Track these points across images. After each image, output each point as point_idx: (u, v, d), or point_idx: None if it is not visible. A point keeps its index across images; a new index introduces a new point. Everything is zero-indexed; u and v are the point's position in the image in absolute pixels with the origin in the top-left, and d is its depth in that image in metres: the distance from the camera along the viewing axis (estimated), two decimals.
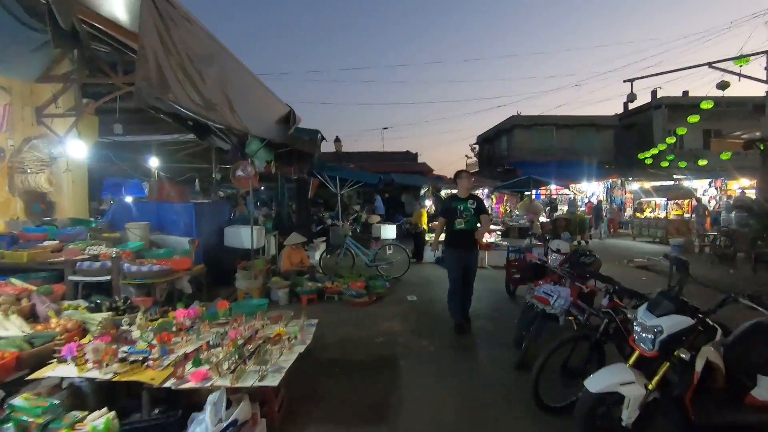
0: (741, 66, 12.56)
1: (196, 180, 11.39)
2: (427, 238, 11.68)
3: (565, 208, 16.83)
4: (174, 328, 3.27)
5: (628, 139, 25.28)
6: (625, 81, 11.88)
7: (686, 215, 15.86)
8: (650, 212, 17.16)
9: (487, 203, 10.74)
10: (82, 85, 5.07)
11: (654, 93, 25.47)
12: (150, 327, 3.24)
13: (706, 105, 15.23)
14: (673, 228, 15.31)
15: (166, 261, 5.21)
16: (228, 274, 6.79)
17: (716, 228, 12.40)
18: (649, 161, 21.44)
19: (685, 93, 25.17)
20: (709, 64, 10.24)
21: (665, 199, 15.65)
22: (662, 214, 16.42)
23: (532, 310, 4.28)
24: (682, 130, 20.09)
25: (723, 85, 11.15)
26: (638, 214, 17.33)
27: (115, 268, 4.42)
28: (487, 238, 10.90)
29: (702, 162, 20.69)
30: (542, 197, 17.42)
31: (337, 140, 20.88)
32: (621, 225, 19.82)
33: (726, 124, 23.17)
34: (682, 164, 22.00)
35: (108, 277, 4.41)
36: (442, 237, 5.57)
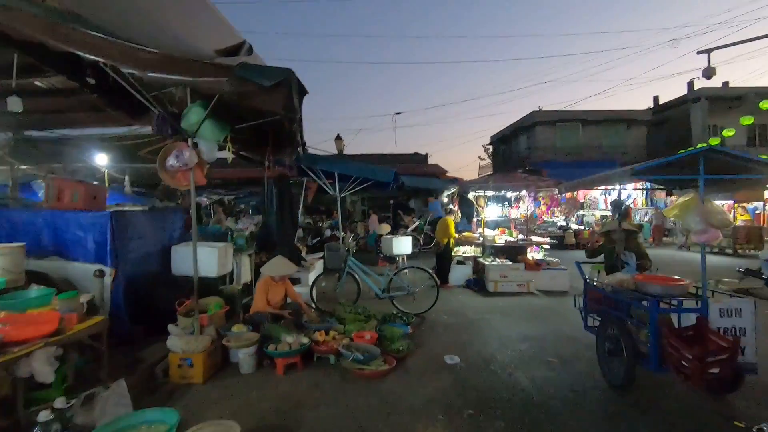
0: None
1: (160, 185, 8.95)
2: (455, 252, 9.18)
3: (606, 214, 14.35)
4: None
5: (661, 136, 22.74)
6: (699, 53, 9.45)
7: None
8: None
9: (530, 208, 8.41)
10: None
11: (690, 84, 22.97)
12: None
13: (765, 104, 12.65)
14: (743, 236, 12.75)
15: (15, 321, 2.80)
16: (171, 319, 4.34)
17: None
18: None
19: (725, 84, 22.66)
20: None
21: (731, 201, 13.11)
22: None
23: None
24: (728, 132, 17.20)
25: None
26: None
27: None
28: (534, 253, 8.37)
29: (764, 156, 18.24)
30: (582, 199, 14.87)
31: (339, 138, 18.40)
32: (666, 232, 17.24)
33: None
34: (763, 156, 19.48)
35: None
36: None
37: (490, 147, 31.30)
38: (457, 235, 9.12)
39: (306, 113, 4.91)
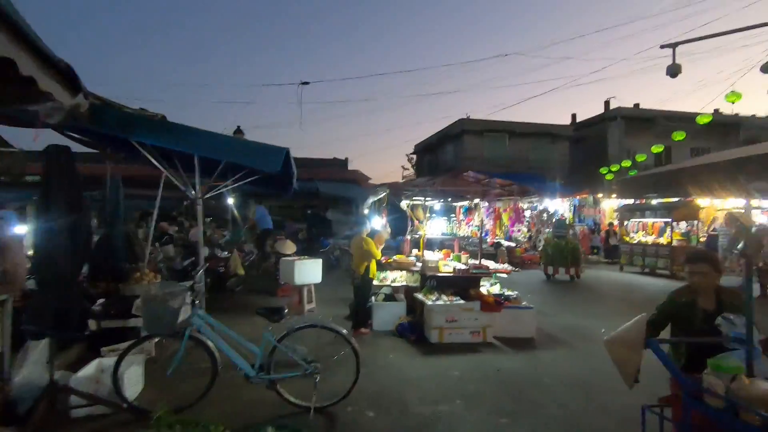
0: (733, 102, 9.59)
1: None
2: (379, 281, 6.58)
3: (548, 230, 12.98)
4: None
5: (581, 153, 22.75)
6: (663, 46, 8.20)
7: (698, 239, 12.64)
8: (643, 236, 13.84)
9: (487, 222, 6.23)
10: None
11: (607, 103, 23.41)
12: None
13: (702, 119, 12.47)
14: (679, 257, 11.98)
15: None
16: None
17: None
18: (610, 177, 18.83)
19: (636, 105, 23.41)
20: None
21: (668, 219, 12.38)
22: (660, 239, 13.12)
23: None
24: (641, 157, 17.81)
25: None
26: (626, 238, 13.93)
27: None
28: (488, 285, 6.11)
29: None
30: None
31: (239, 131, 15.18)
32: (593, 250, 16.52)
33: (713, 142, 21.53)
34: None
35: None
36: None
37: (414, 156, 29.73)
38: (383, 257, 6.59)
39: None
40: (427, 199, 6.33)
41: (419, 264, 6.06)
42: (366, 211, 6.53)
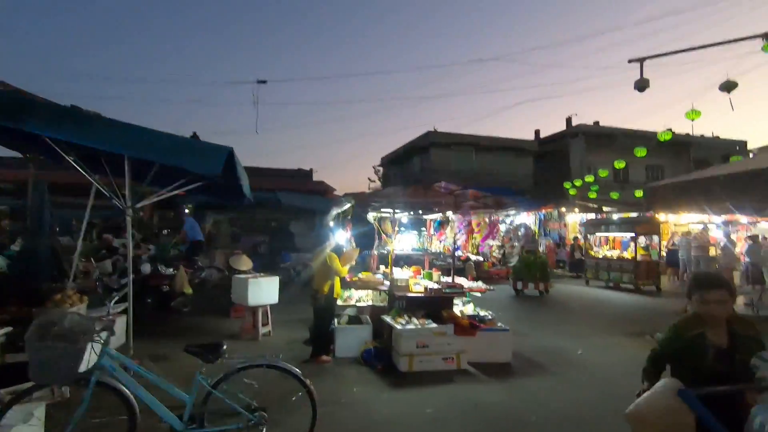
0: (693, 119, 10.45)
1: None
2: (343, 301, 5.96)
3: (516, 243, 12.82)
4: None
5: (545, 168, 23.15)
6: (630, 61, 8.19)
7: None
8: (607, 250, 13.92)
9: (460, 237, 5.73)
10: None
11: (569, 120, 24.03)
12: None
13: (663, 136, 13.28)
14: (643, 271, 12.06)
15: None
16: None
17: None
18: (573, 192, 19.16)
19: (596, 123, 24.16)
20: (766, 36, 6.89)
21: (632, 234, 12.46)
22: (625, 253, 13.21)
23: None
24: (603, 173, 18.80)
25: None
26: (592, 252, 13.98)
27: None
28: (462, 305, 5.64)
29: (638, 193, 19.07)
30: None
31: (195, 137, 14.21)
32: (559, 264, 16.56)
33: (666, 160, 22.47)
34: (614, 195, 20.23)
35: None
36: None
37: (381, 168, 29.38)
38: (348, 275, 6.01)
39: None
40: (396, 211, 5.82)
41: (387, 282, 5.51)
42: (331, 224, 5.95)
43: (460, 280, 5.93)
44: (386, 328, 5.14)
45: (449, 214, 6.26)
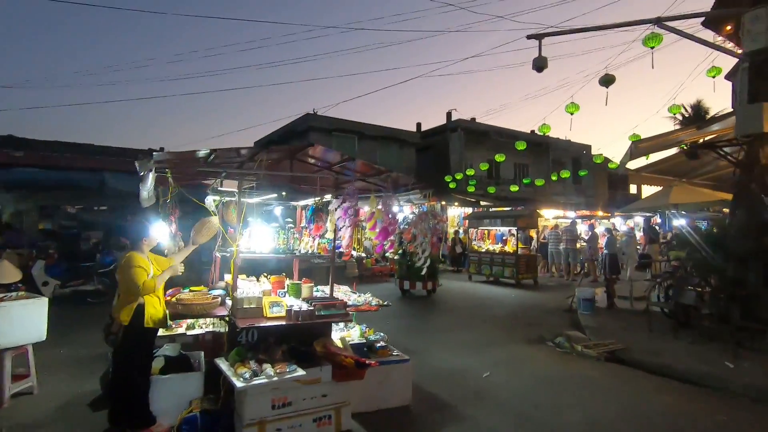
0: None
1: None
2: (170, 329, 3.74)
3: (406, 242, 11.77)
4: None
5: (427, 160, 22.97)
6: (529, 37, 7.48)
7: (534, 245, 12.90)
8: (490, 245, 13.72)
9: (345, 231, 4.02)
10: None
11: (449, 115, 24.26)
12: None
13: (543, 129, 13.58)
14: (523, 265, 11.99)
15: None
16: None
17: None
18: (453, 185, 19.15)
19: (473, 119, 24.87)
20: (658, 21, 6.66)
21: (515, 227, 12.31)
22: (505, 247, 13.10)
23: None
24: (484, 166, 19.77)
25: (607, 81, 7.89)
26: (475, 247, 13.65)
27: None
28: (348, 331, 3.96)
29: (514, 188, 19.75)
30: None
31: None
32: (441, 259, 16.14)
33: (530, 159, 23.78)
34: (491, 189, 20.75)
35: None
36: None
37: None
38: (165, 295, 3.88)
39: None
40: (248, 191, 3.83)
41: (228, 303, 3.53)
42: (145, 207, 3.60)
43: (343, 291, 4.24)
44: (224, 381, 3.17)
45: (328, 198, 4.49)
